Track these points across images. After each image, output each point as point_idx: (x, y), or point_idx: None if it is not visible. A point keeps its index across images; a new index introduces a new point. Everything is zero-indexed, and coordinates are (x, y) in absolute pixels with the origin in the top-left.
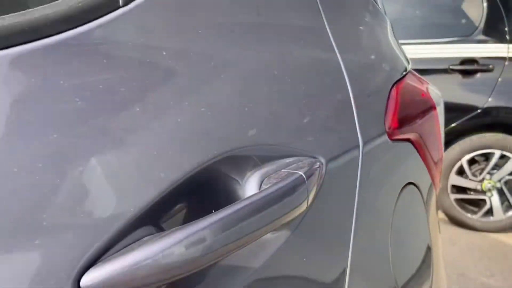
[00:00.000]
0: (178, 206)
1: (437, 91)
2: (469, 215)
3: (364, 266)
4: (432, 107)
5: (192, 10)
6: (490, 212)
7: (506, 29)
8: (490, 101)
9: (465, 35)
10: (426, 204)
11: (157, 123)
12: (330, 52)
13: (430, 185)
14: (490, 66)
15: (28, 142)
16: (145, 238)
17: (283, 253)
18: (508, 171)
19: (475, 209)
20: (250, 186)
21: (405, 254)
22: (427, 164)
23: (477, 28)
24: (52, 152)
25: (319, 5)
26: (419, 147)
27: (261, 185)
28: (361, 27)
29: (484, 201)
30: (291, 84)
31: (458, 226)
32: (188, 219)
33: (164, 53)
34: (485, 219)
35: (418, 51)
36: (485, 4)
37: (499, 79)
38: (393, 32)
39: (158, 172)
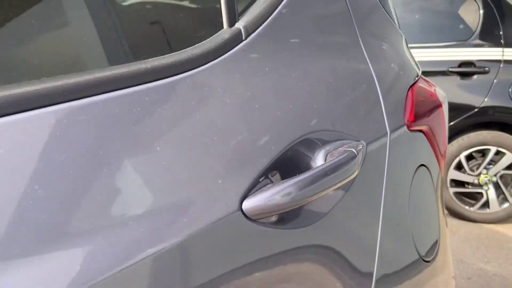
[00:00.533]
0: (281, 166)
1: (442, 92)
2: (467, 207)
3: (390, 224)
4: (439, 105)
5: (288, 35)
6: (486, 204)
7: (501, 33)
8: (486, 101)
9: (463, 39)
10: (435, 184)
11: (273, 120)
12: (365, 64)
13: (437, 168)
14: (486, 69)
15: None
16: (269, 185)
17: (340, 206)
18: (503, 166)
19: (472, 201)
20: (319, 159)
21: (419, 220)
22: (435, 151)
23: (474, 33)
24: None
25: (356, 28)
26: (429, 137)
27: (326, 158)
28: (384, 43)
29: (481, 194)
30: (341, 88)
31: (457, 218)
32: (285, 176)
33: (276, 65)
34: (482, 211)
35: (419, 54)
36: (481, 11)
37: (495, 81)
38: (407, 44)
39: (269, 145)
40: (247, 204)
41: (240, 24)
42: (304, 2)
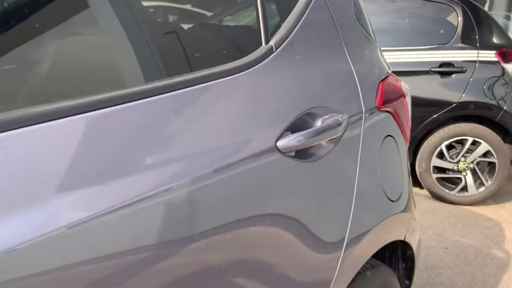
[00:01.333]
0: (296, 125)
1: (407, 86)
2: (447, 191)
3: (366, 181)
4: (403, 95)
5: (299, 47)
6: (465, 188)
7: (477, 37)
8: (463, 97)
9: (443, 43)
10: (400, 148)
11: (291, 100)
12: (348, 65)
13: (402, 139)
14: (464, 68)
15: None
16: (289, 135)
17: (330, 154)
18: (479, 154)
19: (452, 186)
20: (318, 122)
21: (389, 177)
22: (400, 128)
23: (453, 37)
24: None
25: (342, 41)
26: (394, 116)
27: (322, 122)
28: (361, 49)
29: (460, 179)
30: (332, 81)
31: (438, 200)
32: (298, 130)
33: (292, 67)
34: (461, 194)
35: (404, 56)
36: (459, 18)
37: (471, 79)
38: (380, 50)
39: (290, 113)
40: (279, 144)
41: (272, 42)
42: (308, 28)
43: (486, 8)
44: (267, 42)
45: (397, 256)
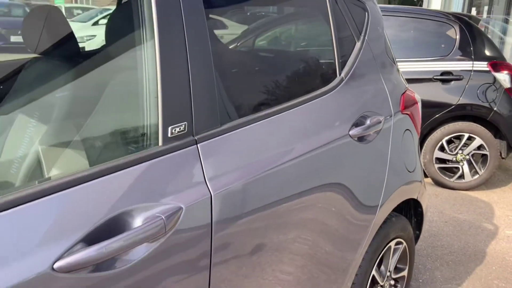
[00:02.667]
0: (357, 122)
1: (418, 95)
2: (447, 178)
3: (394, 158)
4: (416, 103)
5: (356, 76)
6: (462, 176)
7: (472, 50)
8: (461, 100)
9: (444, 55)
10: (414, 138)
11: (352, 108)
12: (383, 85)
13: (416, 132)
14: (461, 76)
15: None
16: (356, 127)
17: (374, 141)
18: (474, 147)
19: (452, 174)
20: (368, 120)
21: (408, 156)
22: (414, 125)
23: (452, 50)
24: None
25: (378, 69)
26: (411, 117)
27: (370, 120)
28: (390, 74)
29: (458, 168)
30: (374, 96)
31: (440, 186)
32: (359, 125)
33: (353, 90)
34: (458, 181)
35: (412, 66)
36: (457, 35)
37: (467, 85)
38: (398, 70)
39: (354, 116)
40: (350, 132)
41: (342, 74)
42: (361, 64)
43: (485, 12)
44: (340, 74)
45: (411, 213)
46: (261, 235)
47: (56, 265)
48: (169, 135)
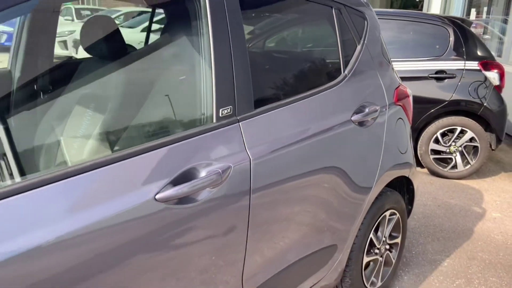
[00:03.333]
0: (358, 110)
1: (410, 90)
2: (441, 168)
3: (388, 141)
4: (408, 96)
5: (357, 73)
6: (455, 166)
7: (464, 51)
8: (453, 96)
9: (439, 55)
10: (406, 125)
11: (353, 98)
12: (379, 80)
13: (407, 121)
14: (454, 75)
15: None
16: (358, 113)
17: (373, 125)
18: (466, 140)
19: (445, 164)
20: (367, 109)
21: (401, 139)
22: (406, 115)
23: (446, 50)
24: None
25: (376, 68)
26: (403, 108)
27: (367, 109)
28: (385, 71)
29: (451, 159)
30: (371, 89)
31: (435, 176)
32: (359, 113)
33: (353, 83)
34: (452, 171)
35: (409, 65)
36: (451, 37)
37: (459, 83)
38: (393, 68)
39: (355, 105)
40: (352, 118)
41: (345, 71)
42: (361, 63)
43: (485, 12)
44: (344, 71)
45: (404, 190)
46: (285, 191)
47: (157, 196)
48: (220, 115)
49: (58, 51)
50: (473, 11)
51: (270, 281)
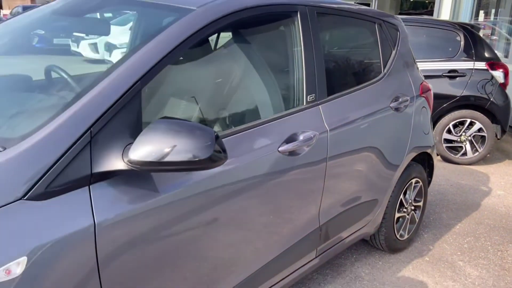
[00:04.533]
0: (395, 99)
1: (431, 85)
2: (453, 155)
3: (416, 124)
4: (429, 90)
5: (393, 71)
6: (465, 153)
7: (473, 52)
8: (464, 92)
9: (451, 56)
10: (428, 113)
11: (392, 89)
12: (408, 78)
13: (429, 109)
14: (464, 73)
15: None
16: (395, 101)
17: (405, 111)
18: (475, 130)
19: (457, 152)
20: (400, 99)
21: (424, 124)
22: (429, 105)
23: (458, 52)
24: None
25: (406, 68)
26: (426, 99)
27: (401, 99)
28: (412, 69)
29: (461, 147)
30: (403, 84)
31: (447, 162)
32: (395, 101)
33: (389, 80)
34: (462, 157)
35: (425, 65)
36: (462, 41)
37: (469, 81)
38: (418, 68)
39: (392, 96)
40: (391, 105)
41: (385, 70)
42: (395, 64)
43: (493, 14)
44: (383, 70)
45: (425, 164)
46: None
47: (280, 149)
48: (308, 100)
49: (89, 54)
50: (482, 13)
51: (336, 217)
